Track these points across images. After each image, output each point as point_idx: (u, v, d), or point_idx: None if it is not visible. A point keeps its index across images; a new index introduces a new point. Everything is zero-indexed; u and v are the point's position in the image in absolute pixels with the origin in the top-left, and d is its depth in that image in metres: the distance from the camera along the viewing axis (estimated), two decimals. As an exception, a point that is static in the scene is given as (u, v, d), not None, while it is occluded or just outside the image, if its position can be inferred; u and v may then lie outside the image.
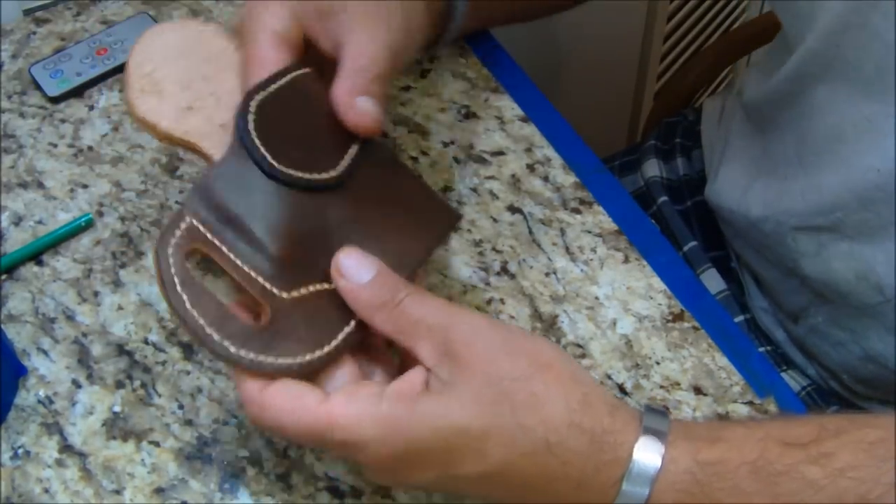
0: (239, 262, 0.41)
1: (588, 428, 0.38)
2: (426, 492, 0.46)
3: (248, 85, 0.44)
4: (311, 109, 0.46)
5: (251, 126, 0.43)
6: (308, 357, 0.40)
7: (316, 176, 0.43)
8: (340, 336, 0.41)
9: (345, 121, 0.44)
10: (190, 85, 0.47)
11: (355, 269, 0.41)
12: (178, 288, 0.40)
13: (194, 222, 0.41)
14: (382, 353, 0.43)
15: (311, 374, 0.40)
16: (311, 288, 0.42)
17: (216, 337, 0.39)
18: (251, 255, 0.42)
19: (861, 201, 0.52)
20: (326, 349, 0.41)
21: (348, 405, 0.38)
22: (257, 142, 0.43)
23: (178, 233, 0.41)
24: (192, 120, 0.45)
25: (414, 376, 0.39)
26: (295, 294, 0.42)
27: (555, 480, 0.38)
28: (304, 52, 0.47)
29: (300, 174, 0.43)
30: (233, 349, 0.39)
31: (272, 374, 0.39)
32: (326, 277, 0.42)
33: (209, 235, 0.41)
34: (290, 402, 0.38)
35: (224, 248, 0.41)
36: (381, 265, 0.41)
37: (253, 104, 0.44)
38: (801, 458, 0.38)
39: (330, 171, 0.44)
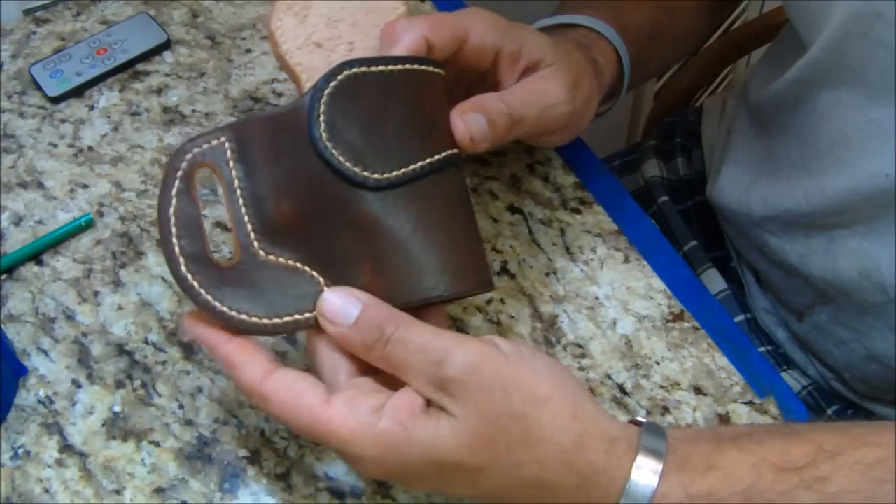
0: (239, 202, 0.41)
1: (580, 469, 0.38)
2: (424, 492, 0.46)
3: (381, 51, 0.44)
4: (404, 107, 0.44)
5: (328, 91, 0.42)
6: (251, 319, 0.41)
7: (357, 171, 0.42)
8: (289, 318, 0.41)
9: (452, 122, 0.45)
10: (337, 24, 0.47)
11: (341, 309, 0.40)
12: (174, 191, 0.41)
13: (227, 144, 0.41)
14: None
15: (251, 336, 0.41)
16: (290, 262, 0.42)
17: (177, 250, 0.40)
18: (253, 202, 0.42)
19: (870, 204, 0.52)
20: (269, 322, 0.41)
21: (347, 418, 0.38)
22: (322, 109, 0.42)
23: (205, 146, 0.41)
24: (313, 57, 0.45)
25: (414, 394, 0.39)
26: (271, 258, 0.42)
27: None
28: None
29: (342, 161, 0.42)
30: (184, 269, 0.40)
31: (216, 321, 0.40)
32: (310, 260, 0.42)
33: (230, 163, 0.41)
34: (290, 398, 0.38)
35: (235, 182, 0.41)
36: (368, 299, 0.40)
37: (345, 74, 0.42)
38: (795, 482, 0.38)
39: (374, 174, 0.42)
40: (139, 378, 0.50)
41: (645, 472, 0.38)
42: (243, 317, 0.41)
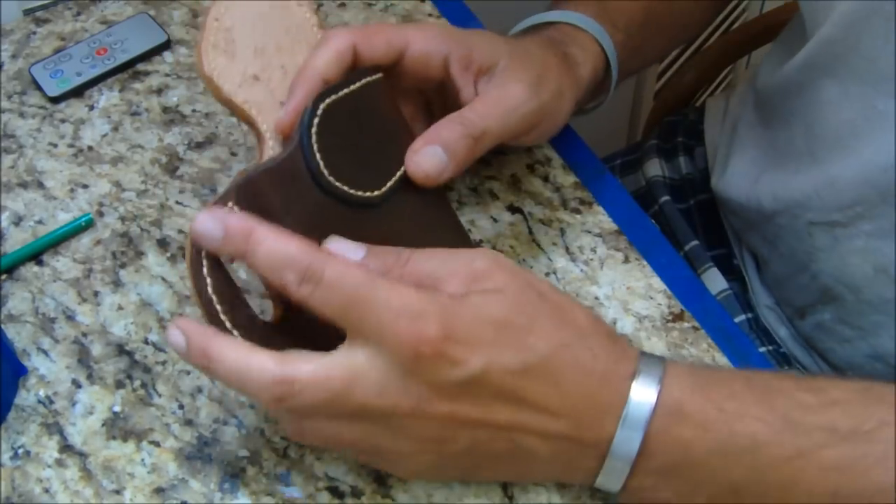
0: None
1: (605, 329, 0.42)
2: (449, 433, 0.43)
3: (308, 67, 0.45)
4: (372, 122, 0.46)
5: (314, 130, 0.43)
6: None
7: (360, 193, 0.44)
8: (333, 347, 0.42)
9: (406, 161, 0.46)
10: (263, 51, 0.47)
11: (345, 250, 0.41)
12: (205, 270, 0.41)
13: (235, 209, 0.42)
14: None
15: None
16: None
17: (228, 324, 0.40)
18: None
19: (883, 197, 0.52)
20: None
21: (407, 287, 0.38)
22: (315, 148, 0.43)
23: None
24: (255, 90, 0.45)
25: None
26: None
27: (586, 374, 0.40)
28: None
29: (347, 189, 0.44)
30: (240, 339, 0.40)
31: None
32: None
33: None
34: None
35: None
36: (369, 245, 0.42)
37: (322, 107, 0.44)
38: (794, 385, 0.41)
39: (374, 191, 0.45)
40: (139, 378, 0.50)
41: (651, 354, 0.42)
42: None
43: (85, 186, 0.59)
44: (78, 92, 0.63)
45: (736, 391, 0.40)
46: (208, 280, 0.40)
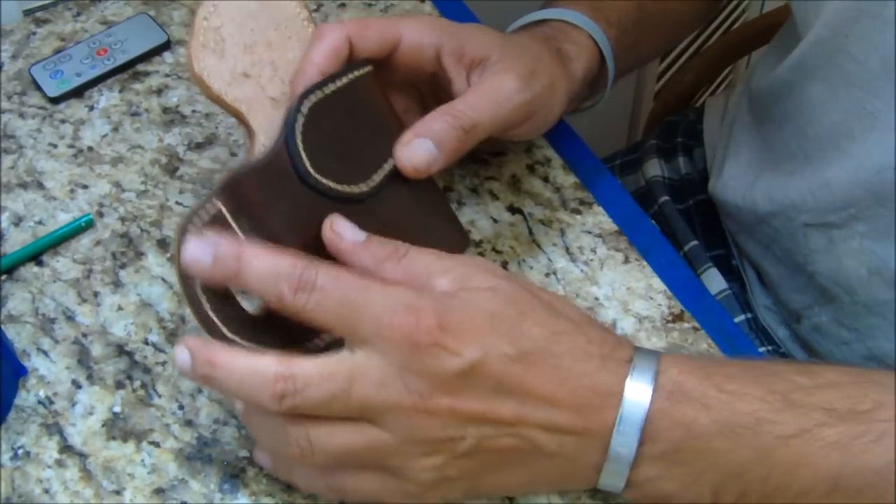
0: None
1: (598, 322, 0.43)
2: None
3: (306, 63, 0.45)
4: (360, 116, 0.46)
5: (299, 129, 0.43)
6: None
7: (347, 189, 0.44)
8: (319, 341, 0.43)
9: (395, 154, 0.46)
10: (253, 48, 0.47)
11: (350, 230, 0.42)
12: None
13: (223, 210, 0.42)
14: None
15: None
16: None
17: (217, 321, 0.41)
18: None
19: (877, 199, 0.52)
20: (312, 346, 0.42)
21: (396, 281, 0.40)
22: (300, 146, 0.43)
23: (204, 217, 0.42)
24: (245, 87, 0.45)
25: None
26: None
27: (584, 359, 0.40)
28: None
29: (333, 185, 0.44)
30: (228, 333, 0.41)
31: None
32: None
33: (233, 223, 0.42)
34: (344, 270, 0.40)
35: (243, 238, 0.42)
36: (369, 233, 0.43)
37: (307, 105, 0.44)
38: (789, 369, 0.41)
39: (361, 186, 0.45)
40: (139, 378, 0.50)
41: (647, 353, 0.42)
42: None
43: (85, 187, 0.59)
44: (78, 92, 0.63)
45: (733, 374, 0.40)
46: (196, 279, 0.41)
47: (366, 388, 0.38)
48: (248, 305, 0.43)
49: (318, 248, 0.43)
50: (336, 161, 0.44)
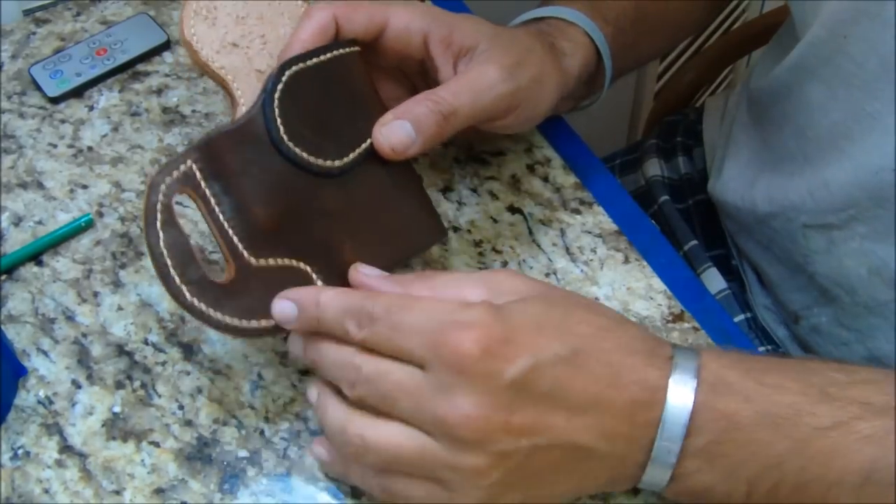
0: (221, 217, 0.43)
1: (633, 321, 0.43)
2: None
3: (293, 40, 0.46)
4: (342, 93, 0.46)
5: (277, 96, 0.44)
6: (252, 323, 0.42)
7: (320, 162, 0.45)
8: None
9: (373, 134, 0.46)
10: (244, 20, 0.48)
11: (373, 269, 0.44)
12: (158, 225, 0.41)
13: (193, 168, 0.42)
14: None
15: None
16: (279, 261, 0.44)
17: (178, 280, 0.41)
18: (234, 214, 0.43)
19: (876, 200, 0.52)
20: (271, 322, 0.43)
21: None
22: (276, 112, 0.44)
23: (175, 174, 0.42)
24: (233, 57, 0.46)
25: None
26: (262, 262, 0.43)
27: (630, 354, 0.40)
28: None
29: (306, 156, 0.44)
30: (188, 296, 0.41)
31: (215, 328, 0.42)
32: (296, 254, 0.44)
33: (203, 184, 0.43)
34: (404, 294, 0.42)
35: (212, 200, 0.43)
36: (390, 274, 0.44)
37: (287, 74, 0.44)
38: (825, 366, 0.41)
39: (335, 161, 0.45)
40: (139, 378, 0.50)
41: (687, 351, 0.42)
42: (252, 323, 0.42)
43: (85, 187, 0.59)
44: (78, 92, 0.63)
45: (771, 367, 0.41)
46: (161, 234, 0.41)
47: (421, 398, 0.39)
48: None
49: (289, 221, 0.44)
50: (311, 133, 0.45)
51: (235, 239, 0.43)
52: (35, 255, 0.55)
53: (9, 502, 0.46)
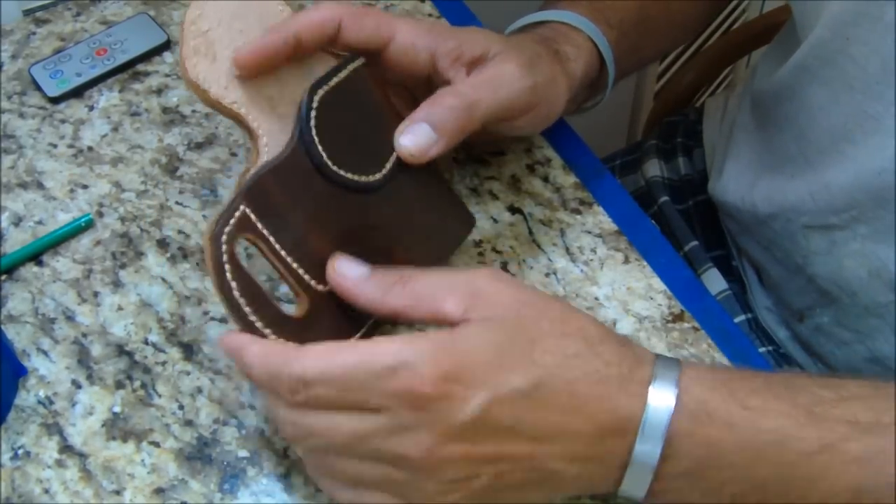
0: (283, 253, 0.43)
1: (615, 336, 0.41)
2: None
3: (289, 22, 0.45)
4: (364, 106, 0.47)
5: (313, 123, 0.45)
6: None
7: (364, 178, 0.46)
8: (364, 328, 0.45)
9: (395, 142, 0.47)
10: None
11: (353, 267, 0.43)
12: (228, 277, 0.41)
13: (247, 212, 0.42)
14: None
15: None
16: None
17: (259, 325, 0.41)
18: (294, 247, 0.43)
19: (877, 201, 0.52)
20: (357, 338, 0.45)
21: (391, 340, 0.39)
22: (316, 140, 0.44)
23: (231, 222, 0.42)
24: (242, 89, 0.46)
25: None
26: (328, 287, 0.44)
27: (601, 382, 0.39)
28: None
29: (351, 175, 0.45)
30: (272, 336, 0.42)
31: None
32: None
33: (259, 225, 0.43)
34: (326, 348, 0.39)
35: (271, 239, 0.43)
36: (372, 266, 0.44)
37: (317, 99, 0.45)
38: (811, 382, 0.41)
39: (375, 175, 0.46)
40: (139, 378, 0.50)
41: (665, 357, 0.41)
42: None
43: (85, 187, 0.59)
44: (78, 92, 0.63)
45: (757, 388, 0.40)
46: (233, 285, 0.41)
47: (377, 442, 0.38)
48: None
49: (343, 242, 0.44)
50: (349, 152, 0.45)
51: (301, 271, 0.44)
52: (35, 255, 0.55)
53: (9, 502, 0.46)
